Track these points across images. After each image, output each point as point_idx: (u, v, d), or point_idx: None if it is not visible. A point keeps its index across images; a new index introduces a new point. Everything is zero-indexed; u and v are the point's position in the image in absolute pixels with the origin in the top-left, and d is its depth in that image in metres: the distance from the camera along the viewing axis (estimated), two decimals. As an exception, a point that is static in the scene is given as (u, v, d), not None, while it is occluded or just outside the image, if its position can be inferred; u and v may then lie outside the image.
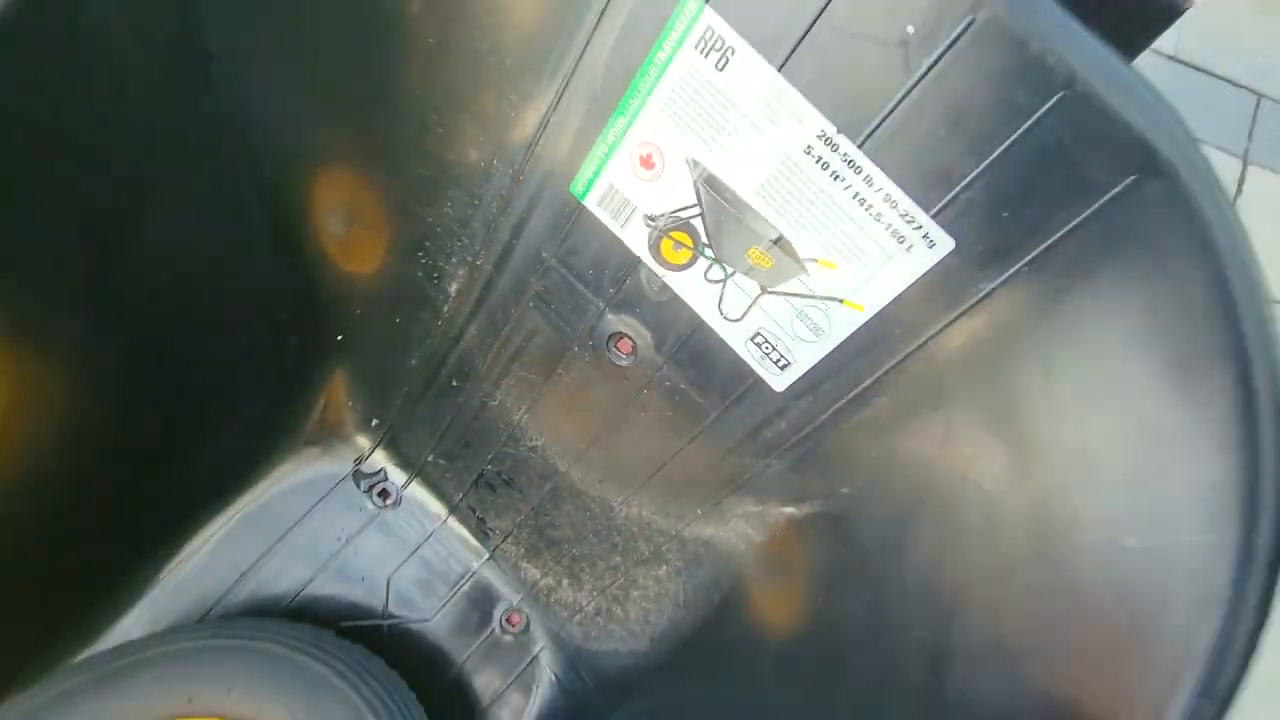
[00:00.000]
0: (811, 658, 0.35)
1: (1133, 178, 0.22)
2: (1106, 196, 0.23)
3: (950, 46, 0.23)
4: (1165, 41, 1.10)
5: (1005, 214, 0.25)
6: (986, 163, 0.24)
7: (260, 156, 0.35)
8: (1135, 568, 0.22)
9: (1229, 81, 1.09)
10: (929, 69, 0.24)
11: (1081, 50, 0.22)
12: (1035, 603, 0.24)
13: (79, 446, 0.40)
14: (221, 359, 0.44)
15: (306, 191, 0.39)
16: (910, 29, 0.23)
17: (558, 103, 0.32)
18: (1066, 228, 0.24)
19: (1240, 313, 0.21)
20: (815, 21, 0.25)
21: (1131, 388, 0.23)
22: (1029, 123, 0.23)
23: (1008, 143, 0.23)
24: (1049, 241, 0.24)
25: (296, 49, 0.31)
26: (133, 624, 0.47)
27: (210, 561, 0.50)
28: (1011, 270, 0.25)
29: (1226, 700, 0.19)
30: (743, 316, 0.33)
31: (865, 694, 0.31)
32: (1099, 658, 0.21)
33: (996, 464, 0.26)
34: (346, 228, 0.44)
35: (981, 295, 0.26)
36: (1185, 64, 1.09)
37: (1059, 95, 0.22)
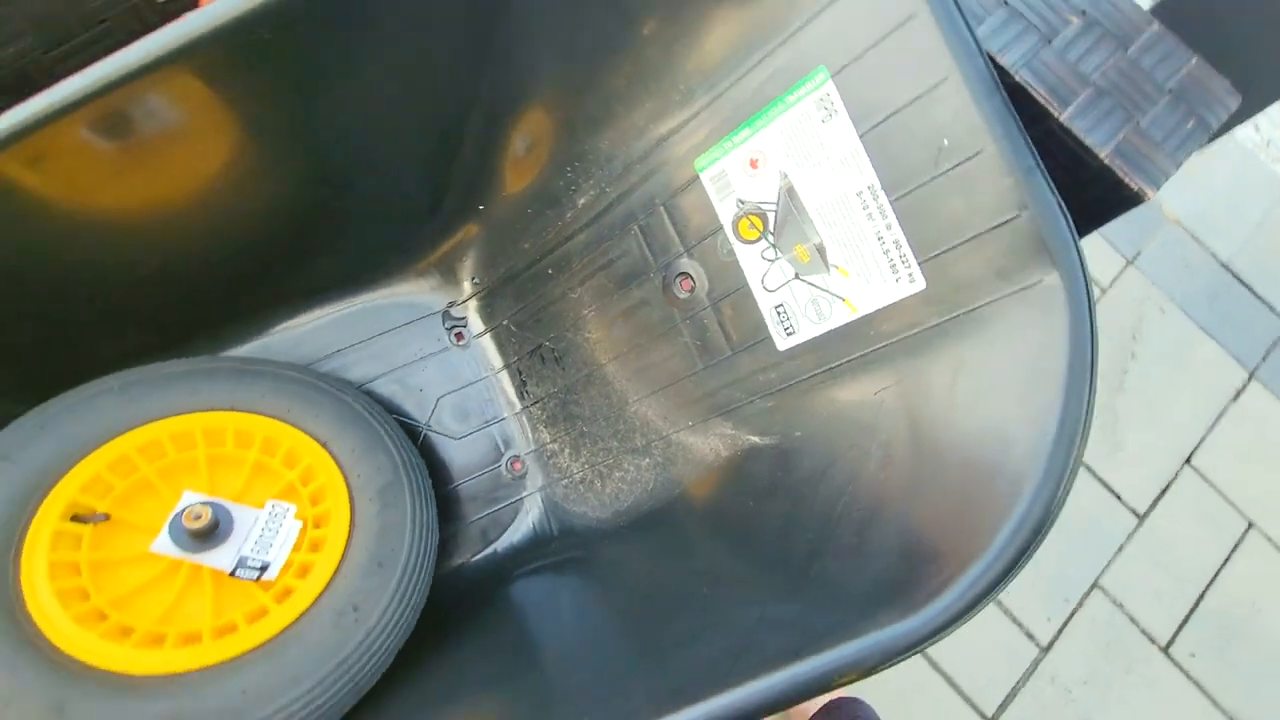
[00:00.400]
0: (733, 541, 0.48)
1: (1038, 281, 0.35)
2: (1018, 287, 0.36)
3: (958, 165, 0.36)
4: (1222, 247, 1.21)
5: (960, 275, 0.38)
6: (960, 241, 0.37)
7: (500, 92, 0.50)
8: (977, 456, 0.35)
9: (1267, 305, 1.20)
10: (945, 171, 0.37)
11: (1042, 199, 0.35)
12: (908, 488, 0.37)
13: (272, 208, 0.55)
14: (395, 187, 0.59)
15: (516, 118, 0.53)
16: (945, 142, 0.37)
17: (710, 105, 0.46)
18: (991, 298, 0.37)
19: (1066, 389, 0.34)
20: (890, 117, 0.38)
21: (993, 393, 0.36)
22: (994, 225, 0.36)
23: (975, 233, 0.37)
24: (979, 303, 0.37)
25: (568, 30, 0.45)
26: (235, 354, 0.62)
27: (315, 333, 0.64)
28: (951, 315, 0.38)
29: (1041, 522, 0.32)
30: (776, 290, 0.46)
31: (766, 563, 0.44)
32: (952, 508, 0.35)
33: (901, 425, 0.40)
34: (527, 145, 0.58)
35: (926, 325, 0.39)
36: (1233, 274, 1.20)
37: (1014, 216, 0.35)
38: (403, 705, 0.47)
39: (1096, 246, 1.21)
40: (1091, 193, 0.44)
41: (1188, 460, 1.13)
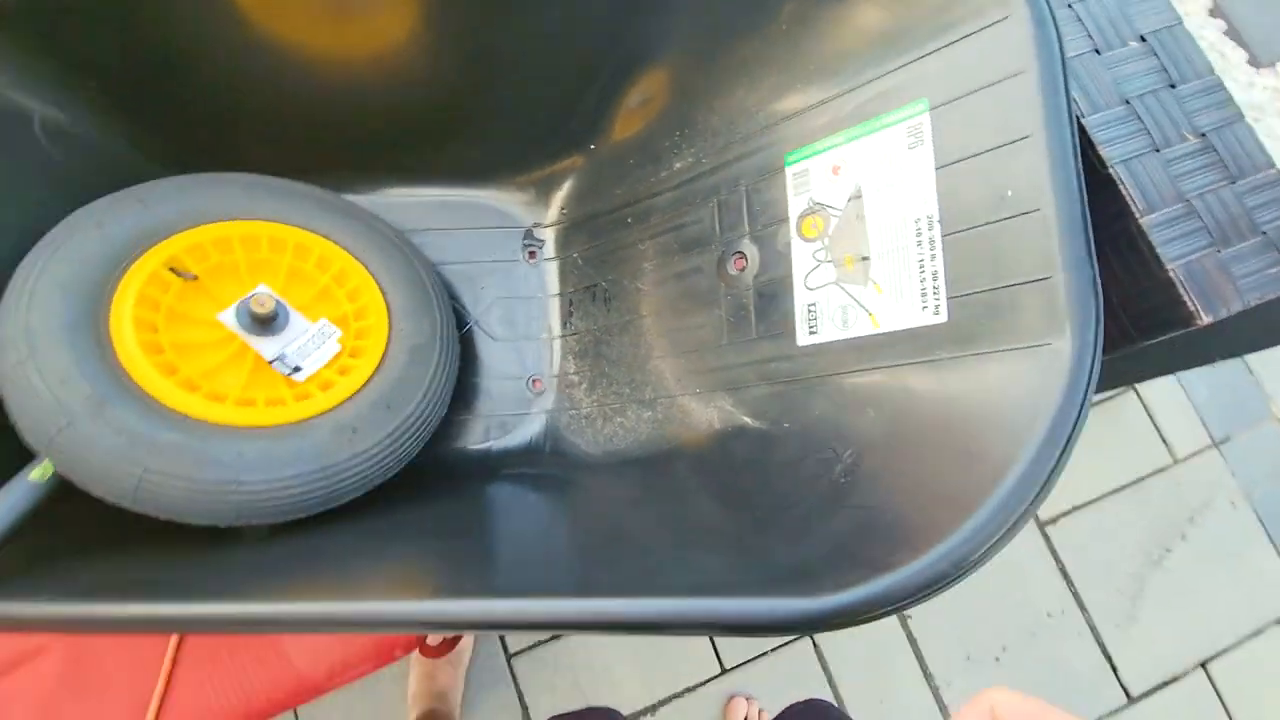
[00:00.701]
0: (697, 501, 0.51)
1: (1048, 344, 0.36)
2: (1029, 344, 0.37)
3: (1014, 218, 0.38)
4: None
5: (980, 319, 0.39)
6: (991, 287, 0.39)
7: (638, 43, 0.55)
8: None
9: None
10: (1000, 220, 0.39)
11: (1080, 268, 0.36)
12: (859, 500, 0.39)
13: (430, 85, 0.62)
14: (530, 103, 0.65)
15: (643, 72, 0.58)
16: (1010, 193, 0.38)
17: (815, 108, 0.49)
18: (1000, 348, 0.38)
19: (1035, 452, 0.35)
20: (968, 159, 0.40)
21: (966, 438, 0.37)
22: (1026, 280, 0.37)
23: (1007, 284, 0.38)
24: (987, 350, 0.39)
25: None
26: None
27: (416, 206, 0.71)
28: (959, 354, 0.40)
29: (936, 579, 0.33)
30: (814, 289, 0.49)
31: (716, 525, 0.46)
32: (886, 525, 0.36)
33: (877, 442, 0.41)
34: (643, 100, 0.63)
35: (933, 357, 0.41)
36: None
37: (1047, 277, 0.37)
38: (362, 527, 0.52)
39: (1185, 415, 1.15)
40: (1150, 302, 0.44)
41: (1203, 664, 1.05)
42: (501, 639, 0.98)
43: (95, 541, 0.49)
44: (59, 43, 0.52)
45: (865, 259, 0.45)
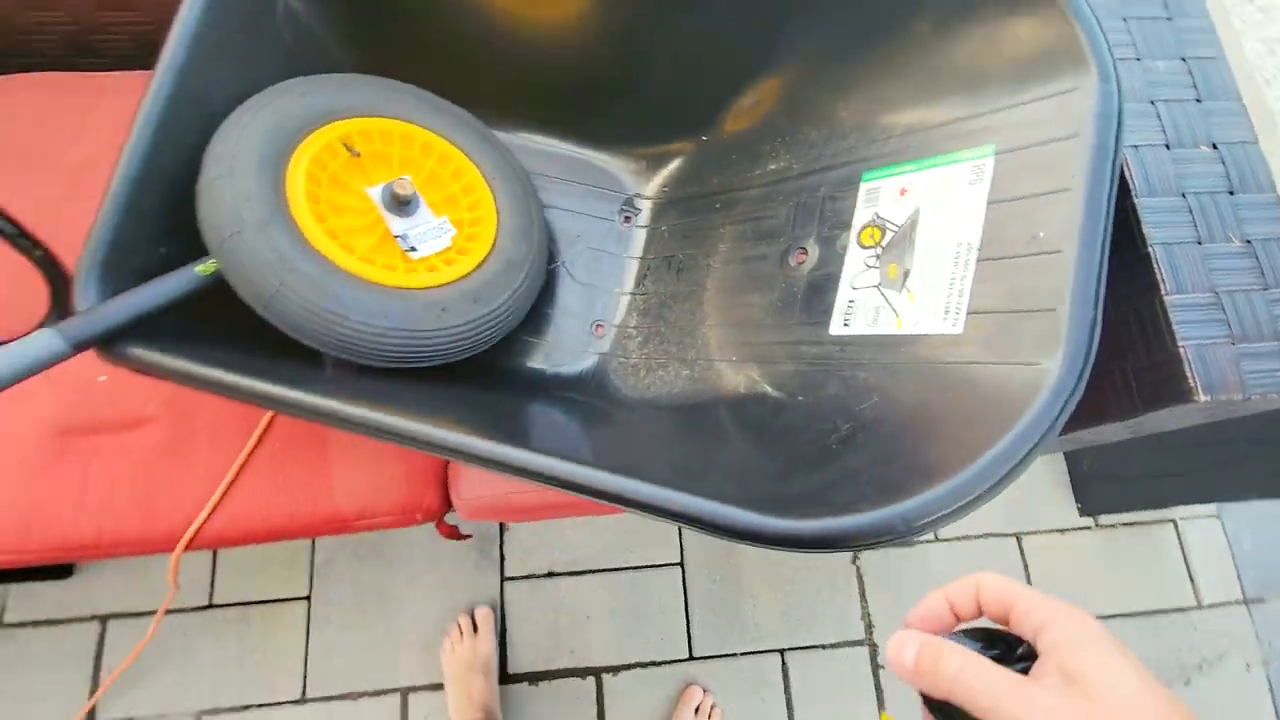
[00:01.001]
0: (707, 447, 0.58)
1: (1038, 364, 0.42)
2: (1021, 363, 0.42)
3: (1039, 255, 0.43)
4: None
5: (988, 336, 0.45)
6: (1004, 310, 0.44)
7: (764, 48, 0.64)
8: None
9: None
10: (1028, 255, 0.44)
11: (1083, 306, 0.41)
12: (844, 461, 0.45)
13: (594, 49, 0.73)
14: (670, 85, 0.74)
15: (763, 77, 0.66)
16: (1041, 234, 0.44)
17: (898, 136, 0.56)
18: (996, 361, 0.43)
19: (990, 459, 0.40)
20: (1016, 200, 0.46)
21: (938, 430, 0.43)
22: (1035, 309, 0.43)
23: (1018, 310, 0.44)
24: (984, 361, 0.44)
25: (835, 21, 0.58)
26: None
27: (543, 153, 0.82)
28: (960, 361, 0.45)
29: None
30: (857, 289, 0.55)
31: (722, 462, 0.53)
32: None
33: (869, 422, 0.47)
34: (754, 102, 0.71)
35: (939, 361, 0.46)
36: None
37: (1052, 309, 0.42)
38: (432, 389, 0.62)
39: (1222, 562, 1.12)
40: (1158, 374, 0.48)
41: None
42: (501, 560, 1.07)
43: (229, 332, 0.60)
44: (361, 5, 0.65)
45: (907, 271, 0.52)
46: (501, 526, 1.09)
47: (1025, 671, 0.25)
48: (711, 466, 0.53)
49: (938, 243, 0.50)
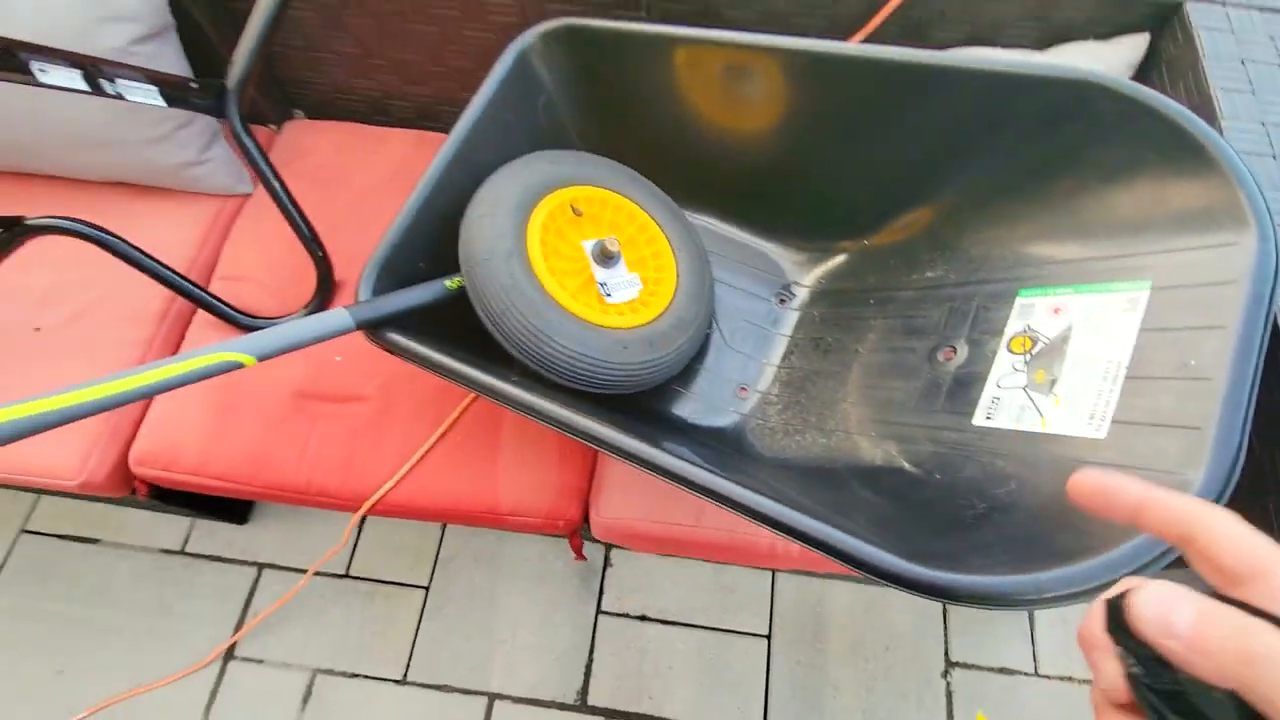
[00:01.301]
0: (839, 510, 0.64)
1: (1183, 475, 0.46)
2: (1161, 471, 0.47)
3: (1188, 380, 0.49)
4: None
5: (1131, 445, 0.50)
6: (1149, 423, 0.49)
7: (933, 174, 0.74)
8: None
9: None
10: (1177, 379, 0.49)
11: (1229, 431, 0.46)
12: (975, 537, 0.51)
13: (783, 159, 0.86)
14: (844, 195, 0.86)
15: (928, 197, 0.76)
16: (1193, 362, 0.49)
17: (1058, 263, 0.63)
18: (1140, 468, 0.48)
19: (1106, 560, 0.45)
20: (1168, 330, 0.52)
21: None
22: (1180, 425, 0.48)
23: (1164, 424, 0.48)
24: (1129, 466, 0.49)
25: (1004, 155, 0.67)
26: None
27: (721, 235, 0.95)
28: (1108, 463, 0.50)
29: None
30: (1002, 388, 0.61)
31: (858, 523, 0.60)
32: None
33: (1002, 503, 0.53)
34: (915, 218, 0.81)
35: (1078, 459, 0.51)
36: None
37: (1198, 428, 0.47)
38: (608, 408, 0.73)
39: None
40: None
41: None
42: (600, 593, 1.13)
43: (447, 334, 0.75)
44: (587, 78, 0.83)
45: (1055, 379, 0.58)
46: (605, 561, 1.16)
47: None
48: (852, 514, 0.59)
49: (1088, 357, 0.56)
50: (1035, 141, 0.65)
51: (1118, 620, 0.21)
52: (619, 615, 1.12)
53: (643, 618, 1.12)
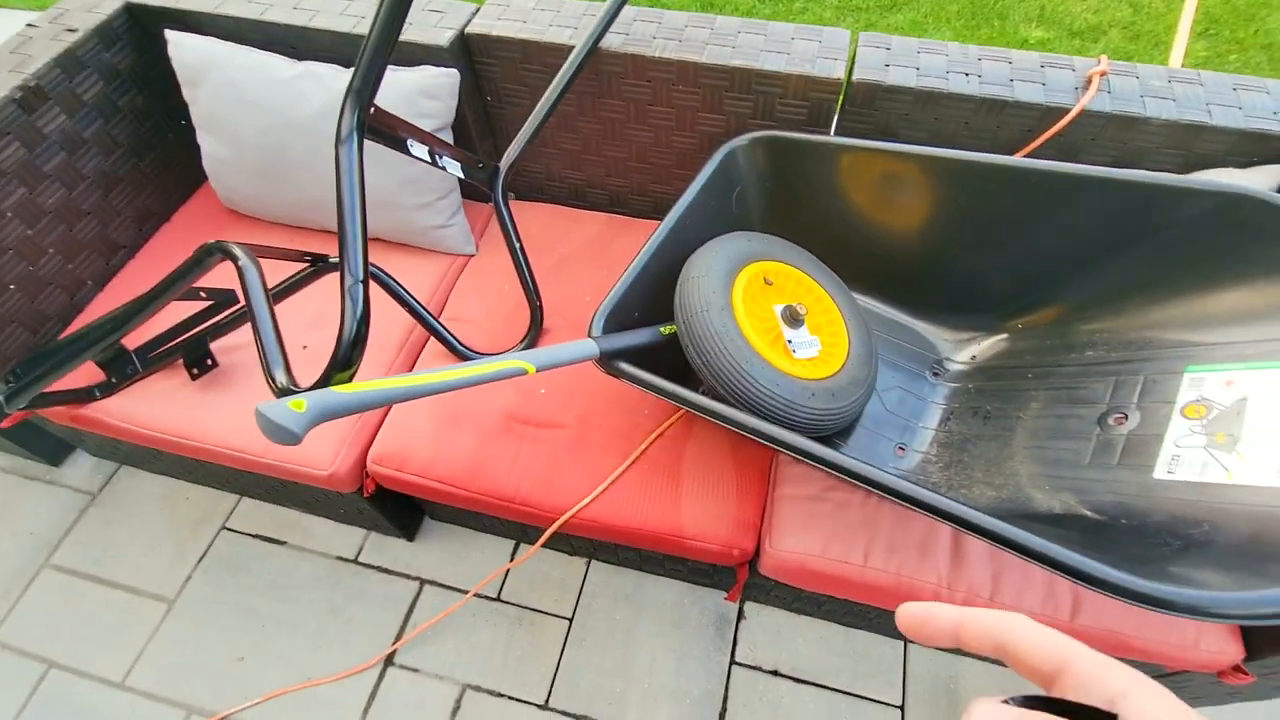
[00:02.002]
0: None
1: None
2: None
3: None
4: None
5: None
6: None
7: (1084, 274, 0.85)
8: None
9: None
10: (1362, 437, 0.57)
11: None
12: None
13: (928, 250, 1.00)
14: (983, 281, 0.98)
15: (1083, 296, 0.87)
16: (1374, 425, 0.57)
17: (1222, 345, 0.72)
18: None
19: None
20: (1347, 396, 0.60)
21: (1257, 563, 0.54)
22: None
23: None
24: (1324, 509, 0.55)
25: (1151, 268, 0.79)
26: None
27: (877, 314, 1.08)
28: (1298, 507, 0.57)
29: None
30: (1180, 447, 0.69)
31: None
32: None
33: (1196, 541, 0.59)
34: (1070, 308, 0.91)
35: (1266, 505, 0.58)
36: None
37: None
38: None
39: None
40: None
41: None
42: (734, 644, 1.18)
43: (671, 371, 0.88)
44: (775, 176, 1.02)
45: (1235, 438, 0.65)
46: (739, 614, 1.21)
47: None
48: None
49: (1268, 421, 0.64)
50: (1194, 243, 0.77)
51: None
52: (752, 668, 1.16)
53: (775, 673, 1.15)
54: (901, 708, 1.11)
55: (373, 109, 0.71)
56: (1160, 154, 0.96)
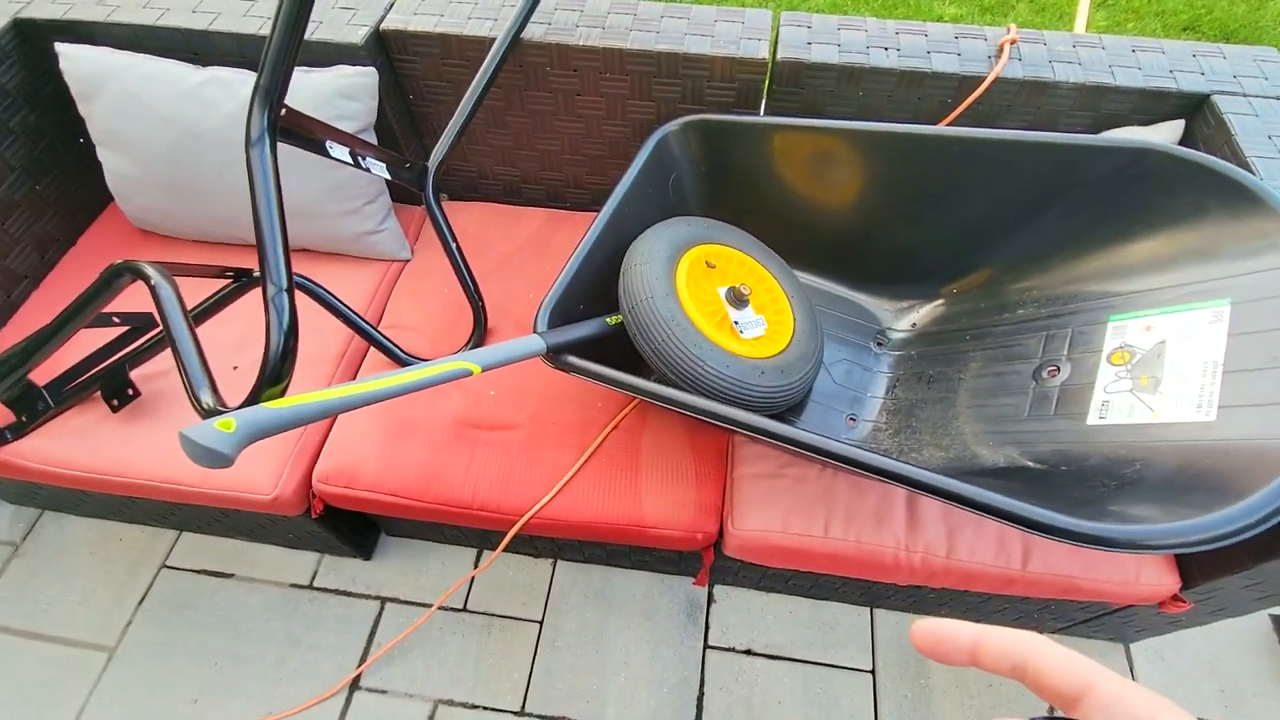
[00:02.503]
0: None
1: (1288, 440, 0.56)
2: (1275, 439, 0.57)
3: (1271, 369, 0.60)
4: None
5: (1239, 423, 0.60)
6: (1251, 404, 0.60)
7: (1005, 246, 0.89)
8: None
9: None
10: (1267, 369, 0.60)
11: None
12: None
13: (863, 223, 1.02)
14: (921, 253, 1.01)
15: (1011, 257, 0.90)
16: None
17: (1141, 293, 0.76)
18: (1244, 438, 0.58)
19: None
20: (1254, 334, 0.63)
21: (1182, 497, 0.57)
22: (1276, 404, 0.58)
23: (1269, 404, 0.59)
24: (1231, 439, 0.59)
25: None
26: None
27: (817, 289, 1.10)
28: (1213, 439, 0.60)
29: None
30: (1110, 393, 0.72)
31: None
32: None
33: (1128, 478, 0.62)
34: (1002, 269, 0.95)
35: (1189, 440, 0.61)
36: None
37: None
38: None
39: None
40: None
41: None
42: (706, 629, 1.18)
43: (620, 361, 0.87)
44: (708, 159, 1.02)
45: (1158, 379, 0.69)
46: (709, 598, 1.22)
47: None
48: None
49: (1185, 360, 0.67)
50: (1107, 198, 0.80)
51: None
52: (725, 649, 1.16)
53: (749, 652, 1.16)
54: (873, 672, 1.14)
55: (284, 109, 0.67)
56: (1071, 116, 1.00)
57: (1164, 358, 0.70)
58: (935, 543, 0.91)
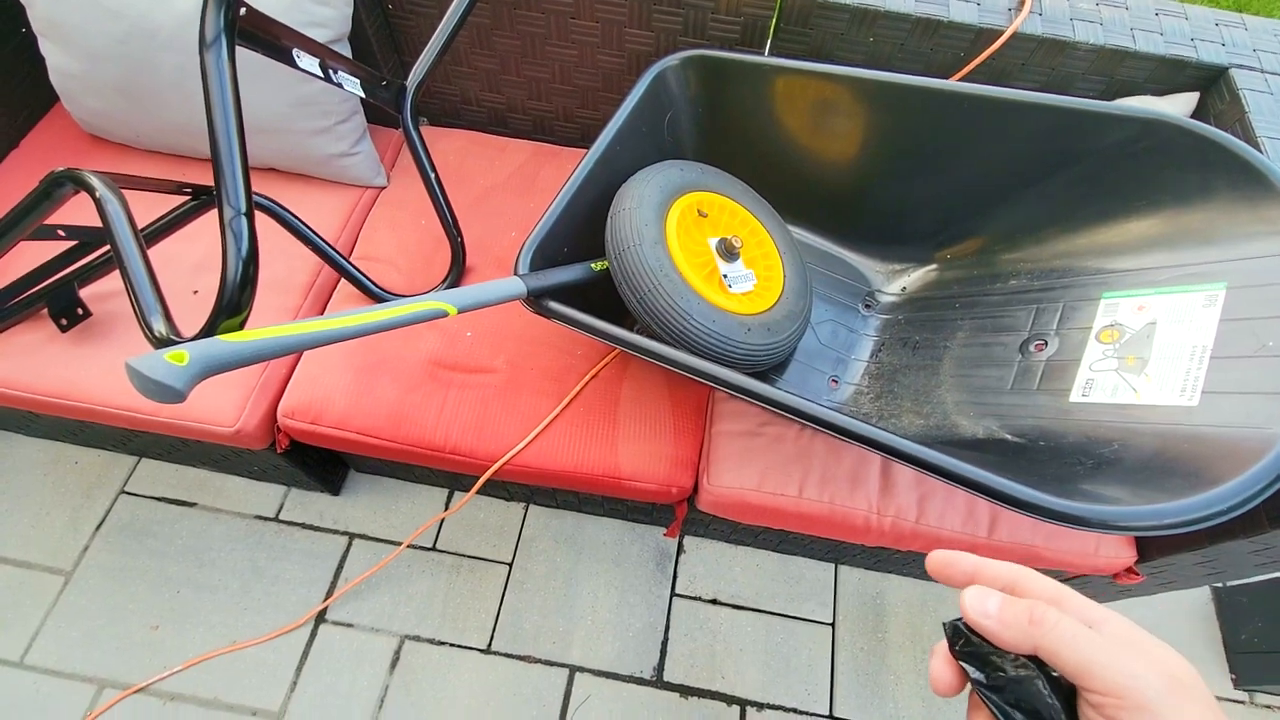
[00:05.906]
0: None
1: (1267, 430, 0.56)
2: (1253, 427, 0.57)
3: (1266, 358, 0.59)
4: None
5: (1222, 408, 0.60)
6: (1235, 391, 0.60)
7: (1001, 214, 0.86)
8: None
9: None
10: (1255, 357, 0.60)
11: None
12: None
13: (863, 180, 0.98)
14: (916, 215, 0.98)
15: (1007, 226, 0.88)
16: (1271, 344, 0.60)
17: (1136, 271, 0.74)
18: (1226, 425, 0.58)
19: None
20: (1244, 320, 0.63)
21: (1159, 479, 0.58)
22: (1266, 392, 0.58)
23: (1250, 392, 0.59)
24: (1213, 425, 0.59)
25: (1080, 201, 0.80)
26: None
27: (810, 245, 1.07)
28: (1194, 424, 0.60)
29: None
30: (1095, 371, 0.71)
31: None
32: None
33: (1106, 457, 0.62)
34: (998, 238, 0.93)
35: (1169, 423, 0.61)
36: None
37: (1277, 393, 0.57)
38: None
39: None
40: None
41: None
42: (674, 578, 1.20)
43: (604, 309, 0.84)
44: (707, 100, 0.96)
45: (1144, 360, 0.68)
46: (679, 548, 1.23)
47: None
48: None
49: (1174, 343, 0.67)
50: (1114, 169, 0.78)
51: (955, 639, 0.29)
52: (692, 598, 1.19)
53: (714, 601, 1.18)
54: (832, 624, 1.17)
55: (244, 8, 0.60)
56: (1085, 80, 0.96)
57: (1153, 339, 0.69)
58: (906, 507, 0.92)
